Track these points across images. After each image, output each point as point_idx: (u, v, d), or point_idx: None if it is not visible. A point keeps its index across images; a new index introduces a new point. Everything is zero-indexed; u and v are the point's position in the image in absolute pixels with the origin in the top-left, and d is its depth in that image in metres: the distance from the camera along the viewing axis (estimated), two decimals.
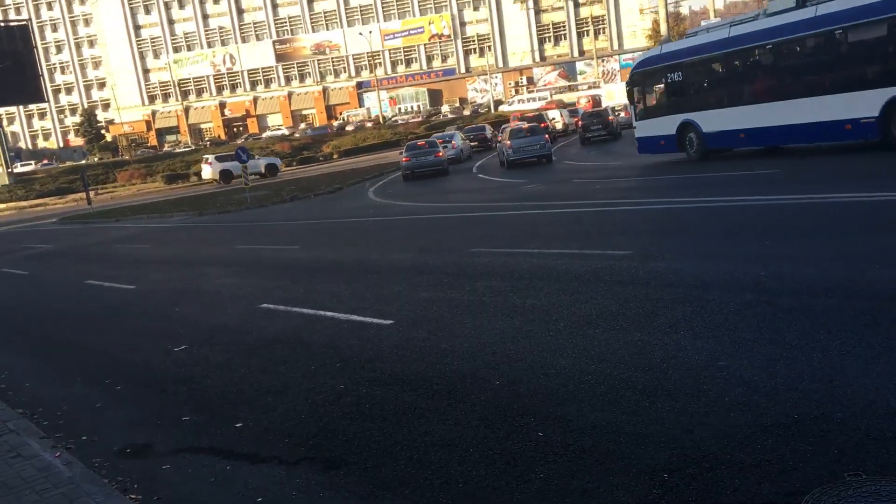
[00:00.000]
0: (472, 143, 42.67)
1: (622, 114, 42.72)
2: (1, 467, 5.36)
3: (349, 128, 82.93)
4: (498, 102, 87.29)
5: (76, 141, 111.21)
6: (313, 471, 4.78)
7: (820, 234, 9.28)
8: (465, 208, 18.56)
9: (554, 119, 47.07)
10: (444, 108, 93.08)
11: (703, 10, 75.63)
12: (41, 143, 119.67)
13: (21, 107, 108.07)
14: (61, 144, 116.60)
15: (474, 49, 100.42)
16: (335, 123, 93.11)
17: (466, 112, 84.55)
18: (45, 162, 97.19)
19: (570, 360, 5.89)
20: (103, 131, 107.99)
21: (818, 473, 3.70)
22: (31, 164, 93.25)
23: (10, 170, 73.26)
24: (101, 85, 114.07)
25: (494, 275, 9.72)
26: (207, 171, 49.40)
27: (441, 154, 32.01)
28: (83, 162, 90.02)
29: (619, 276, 8.54)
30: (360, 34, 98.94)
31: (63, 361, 8.95)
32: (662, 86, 21.97)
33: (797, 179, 14.83)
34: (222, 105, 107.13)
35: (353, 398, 5.92)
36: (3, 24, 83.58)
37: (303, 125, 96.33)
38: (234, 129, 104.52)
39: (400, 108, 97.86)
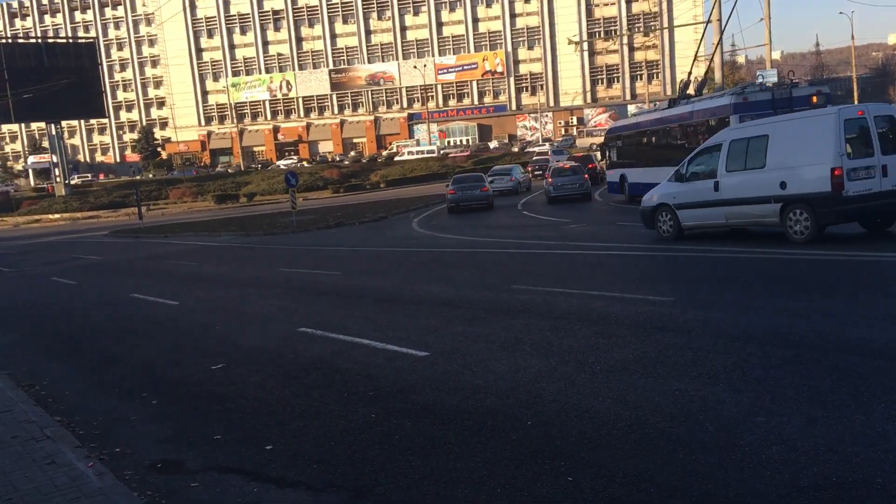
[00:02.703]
0: (538, 172, 48.27)
1: None
2: (35, 473, 5.46)
3: (399, 158, 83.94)
4: (547, 140, 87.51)
5: (132, 157, 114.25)
6: (340, 499, 4.76)
7: (867, 291, 9.06)
8: (506, 244, 18.55)
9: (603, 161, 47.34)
10: (493, 144, 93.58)
11: (759, 60, 75.01)
12: (99, 157, 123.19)
13: (83, 121, 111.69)
14: (118, 159, 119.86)
15: (526, 87, 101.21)
16: (384, 153, 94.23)
17: (515, 149, 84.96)
18: (132, 174, 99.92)
19: (605, 405, 5.81)
20: (159, 149, 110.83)
21: None
22: (87, 176, 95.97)
23: (67, 181, 75.47)
24: (161, 104, 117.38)
25: (532, 313, 9.66)
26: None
27: (487, 188, 32.23)
28: (138, 177, 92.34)
29: (659, 322, 8.43)
30: (415, 67, 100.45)
31: (103, 372, 9.11)
32: (615, 148, 30.36)
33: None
34: (276, 129, 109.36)
35: (384, 428, 5.91)
36: (71, 42, 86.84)
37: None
38: (286, 153, 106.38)
39: (449, 142, 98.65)
